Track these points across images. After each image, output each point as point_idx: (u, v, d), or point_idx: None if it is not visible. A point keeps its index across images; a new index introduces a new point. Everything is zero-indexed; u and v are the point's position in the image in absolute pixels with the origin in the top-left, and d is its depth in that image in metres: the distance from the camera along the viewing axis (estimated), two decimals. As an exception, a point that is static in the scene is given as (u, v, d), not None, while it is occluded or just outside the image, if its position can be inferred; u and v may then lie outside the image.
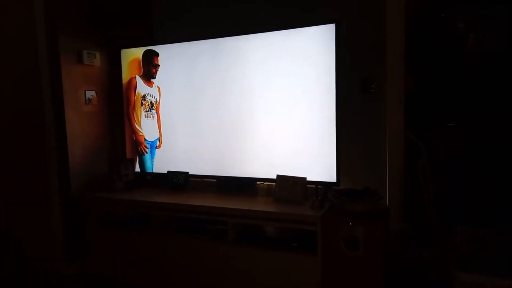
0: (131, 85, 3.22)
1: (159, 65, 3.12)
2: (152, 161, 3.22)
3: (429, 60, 2.32)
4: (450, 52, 2.27)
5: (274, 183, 2.65)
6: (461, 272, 1.70)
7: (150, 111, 3.19)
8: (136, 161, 3.25)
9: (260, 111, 2.78)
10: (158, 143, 3.19)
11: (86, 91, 3.10)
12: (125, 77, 3.24)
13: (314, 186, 2.47)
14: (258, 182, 2.87)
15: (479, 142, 2.21)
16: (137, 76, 3.20)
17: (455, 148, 2.26)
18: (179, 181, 3.01)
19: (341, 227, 2.17)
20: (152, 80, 3.16)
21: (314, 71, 2.58)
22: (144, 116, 3.21)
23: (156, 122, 3.18)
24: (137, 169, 3.25)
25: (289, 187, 2.58)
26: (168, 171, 3.08)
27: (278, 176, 2.63)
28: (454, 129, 2.24)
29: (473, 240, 1.97)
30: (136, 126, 3.24)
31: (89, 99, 3.12)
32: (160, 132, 3.18)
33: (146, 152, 3.23)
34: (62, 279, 2.97)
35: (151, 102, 3.18)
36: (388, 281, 2.21)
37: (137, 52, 3.17)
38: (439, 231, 2.23)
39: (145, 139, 3.23)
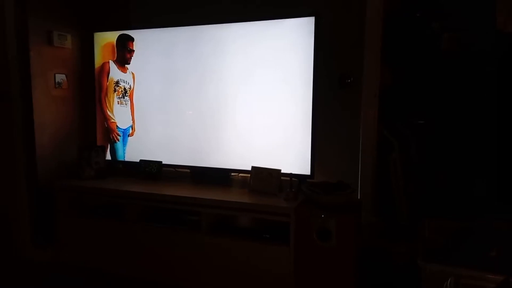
0: (104, 70, 3.12)
1: (134, 51, 3.03)
2: (124, 149, 3.14)
3: (405, 56, 2.37)
4: (425, 49, 2.32)
5: (249, 175, 2.66)
6: (428, 262, 1.76)
7: (124, 97, 3.10)
8: (107, 148, 3.17)
9: (237, 102, 2.76)
10: (131, 131, 3.12)
11: (56, 74, 2.98)
12: (97, 62, 3.13)
13: (288, 178, 2.49)
14: (232, 174, 2.86)
15: (451, 137, 2.28)
16: (110, 61, 3.10)
17: (427, 143, 2.32)
18: (152, 170, 2.96)
19: (314, 219, 2.20)
20: (126, 65, 3.07)
21: (292, 63, 2.59)
22: (116, 102, 3.13)
23: (130, 109, 3.10)
24: (108, 157, 3.16)
25: (264, 179, 2.59)
26: (141, 160, 3.02)
27: (253, 167, 2.63)
28: (426, 125, 2.31)
29: (440, 232, 2.05)
30: (108, 112, 3.15)
31: (59, 83, 3.00)
32: (133, 119, 3.10)
33: (118, 140, 3.15)
34: (29, 267, 2.88)
35: (124, 89, 3.10)
36: (360, 272, 2.27)
37: (111, 36, 3.07)
38: (410, 223, 2.30)
39: (117, 126, 3.14)
